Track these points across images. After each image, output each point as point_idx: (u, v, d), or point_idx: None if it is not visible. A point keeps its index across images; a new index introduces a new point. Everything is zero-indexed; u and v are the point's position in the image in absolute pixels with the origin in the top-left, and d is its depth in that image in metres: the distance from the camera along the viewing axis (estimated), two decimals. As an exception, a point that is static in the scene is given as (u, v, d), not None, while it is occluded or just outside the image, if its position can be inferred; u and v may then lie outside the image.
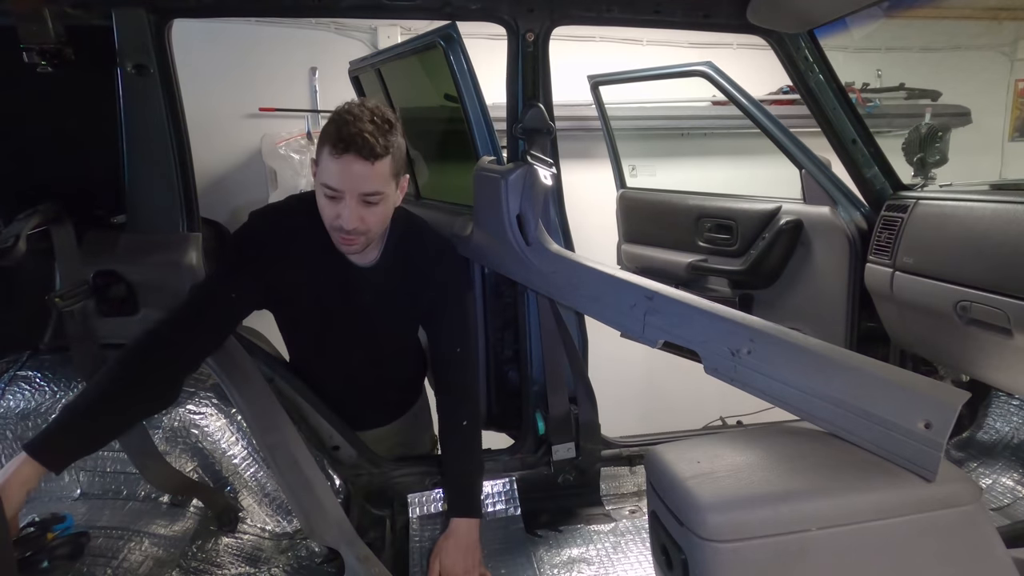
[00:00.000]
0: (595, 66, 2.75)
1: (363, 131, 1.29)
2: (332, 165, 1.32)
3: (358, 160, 1.31)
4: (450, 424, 1.64)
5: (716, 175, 3.31)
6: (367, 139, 1.29)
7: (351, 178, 1.33)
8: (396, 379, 1.87)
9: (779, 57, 1.94)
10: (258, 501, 1.64)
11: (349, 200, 1.35)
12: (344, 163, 1.31)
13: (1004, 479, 1.87)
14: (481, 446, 1.72)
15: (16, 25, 1.40)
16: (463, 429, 1.63)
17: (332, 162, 1.32)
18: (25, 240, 1.37)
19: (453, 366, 1.65)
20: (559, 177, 1.77)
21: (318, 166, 1.38)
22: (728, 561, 0.90)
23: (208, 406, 1.62)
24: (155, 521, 1.49)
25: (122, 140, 1.59)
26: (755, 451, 1.03)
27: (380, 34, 3.07)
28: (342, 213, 1.36)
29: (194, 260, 1.62)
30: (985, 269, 1.57)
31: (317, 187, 1.39)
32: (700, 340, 1.21)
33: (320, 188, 1.37)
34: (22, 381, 1.55)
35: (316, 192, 1.41)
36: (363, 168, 1.32)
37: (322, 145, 1.34)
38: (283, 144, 2.94)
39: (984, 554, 0.93)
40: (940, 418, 0.90)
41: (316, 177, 1.40)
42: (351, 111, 1.32)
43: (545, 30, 1.70)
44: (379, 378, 1.79)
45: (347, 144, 1.29)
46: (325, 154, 1.33)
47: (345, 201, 1.35)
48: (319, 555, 1.58)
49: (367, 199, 1.36)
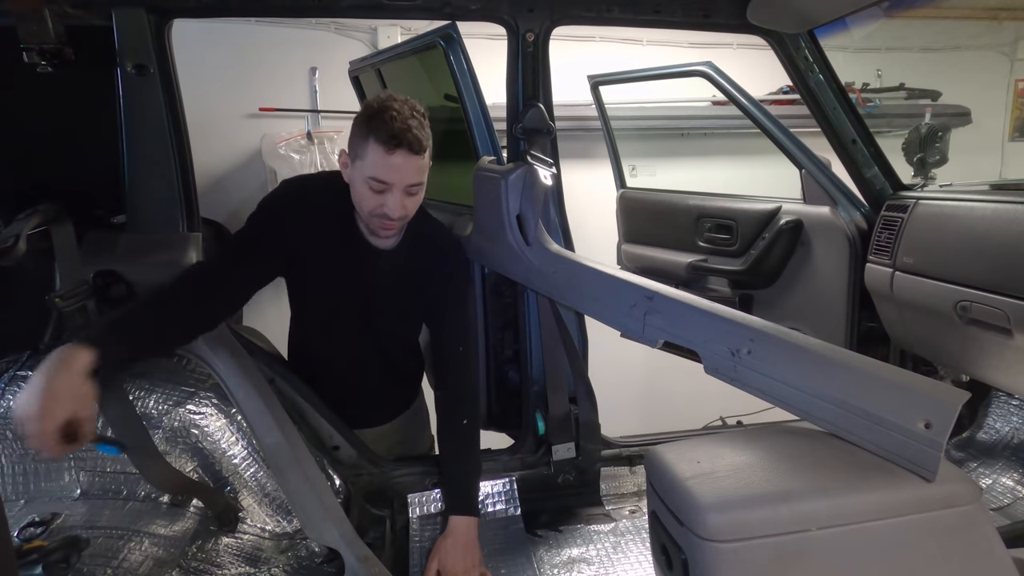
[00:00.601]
0: (595, 66, 2.75)
1: (411, 127, 1.37)
2: (383, 160, 1.38)
3: (409, 155, 1.38)
4: (450, 423, 1.65)
5: (716, 175, 3.31)
6: (416, 135, 1.37)
7: (402, 172, 1.39)
8: (397, 373, 1.87)
9: (779, 57, 1.94)
10: (258, 501, 1.64)
11: (396, 191, 1.41)
12: (396, 158, 1.37)
13: (1004, 479, 1.87)
14: (479, 445, 1.72)
15: (16, 25, 1.40)
16: (463, 428, 1.64)
17: (383, 157, 1.37)
18: (25, 240, 1.37)
19: (454, 364, 1.66)
20: (559, 177, 1.77)
21: (360, 159, 1.41)
22: (728, 561, 0.90)
23: (208, 406, 1.62)
24: (155, 521, 1.49)
25: (122, 140, 1.59)
26: (755, 451, 1.03)
27: (380, 34, 3.07)
28: (387, 203, 1.42)
29: (194, 260, 1.62)
30: (985, 269, 1.57)
31: (358, 178, 1.43)
32: (700, 340, 1.22)
33: (364, 181, 1.41)
34: (22, 381, 1.54)
35: (355, 182, 1.45)
36: (413, 162, 1.40)
37: (364, 139, 1.38)
38: (283, 144, 2.94)
39: (984, 554, 0.93)
40: (940, 418, 0.90)
41: (354, 169, 1.44)
42: (393, 107, 1.37)
43: (545, 30, 1.70)
44: (381, 370, 1.79)
45: (399, 140, 1.36)
46: (373, 149, 1.37)
47: (393, 192, 1.41)
48: (319, 555, 1.58)
49: (411, 189, 1.43)
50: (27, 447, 1.33)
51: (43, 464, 1.53)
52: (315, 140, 2.96)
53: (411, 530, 1.69)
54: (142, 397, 1.57)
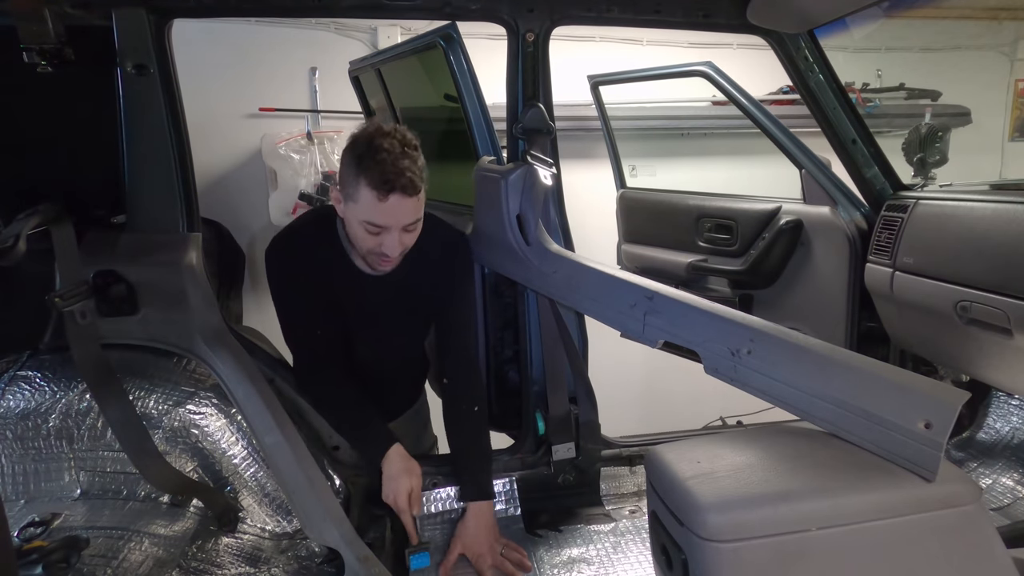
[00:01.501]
0: (595, 66, 2.75)
1: (404, 169, 1.33)
2: (377, 205, 1.35)
3: (403, 198, 1.35)
4: (459, 411, 1.67)
5: (716, 175, 3.30)
6: (409, 178, 1.33)
7: (397, 215, 1.37)
8: (404, 376, 1.90)
9: (779, 57, 1.94)
10: (258, 501, 1.64)
11: (393, 232, 1.39)
12: (391, 203, 1.35)
13: (1004, 479, 1.87)
14: (488, 431, 1.75)
15: (16, 25, 1.40)
16: (473, 415, 1.66)
17: (377, 203, 1.34)
18: (25, 240, 1.37)
19: (461, 353, 1.68)
20: (559, 177, 1.77)
21: (352, 201, 1.38)
22: (728, 561, 0.90)
23: (208, 406, 1.62)
24: (155, 521, 1.49)
25: (122, 140, 1.59)
26: (755, 451, 1.03)
27: (380, 34, 3.07)
28: (385, 242, 1.41)
29: (194, 260, 1.62)
30: (985, 269, 1.56)
31: (352, 219, 1.41)
32: (700, 340, 1.22)
33: (359, 223, 1.39)
34: (22, 381, 1.55)
35: (349, 222, 1.43)
36: (407, 203, 1.37)
37: (355, 180, 1.35)
38: (283, 144, 2.94)
39: (984, 554, 0.93)
40: (940, 418, 0.90)
41: (347, 208, 1.41)
42: (383, 145, 1.33)
43: (545, 30, 1.70)
44: (388, 373, 1.80)
45: (392, 185, 1.32)
46: (366, 194, 1.34)
47: (390, 233, 1.39)
48: (319, 555, 1.58)
49: (408, 227, 1.42)
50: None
51: (43, 464, 1.53)
52: (315, 140, 2.96)
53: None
54: (142, 397, 1.57)
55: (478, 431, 1.69)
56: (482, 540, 1.57)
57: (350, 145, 1.39)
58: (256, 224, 3.10)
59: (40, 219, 1.45)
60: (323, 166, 2.97)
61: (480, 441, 1.69)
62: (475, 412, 1.66)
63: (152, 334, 1.60)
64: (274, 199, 2.99)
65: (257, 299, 2.95)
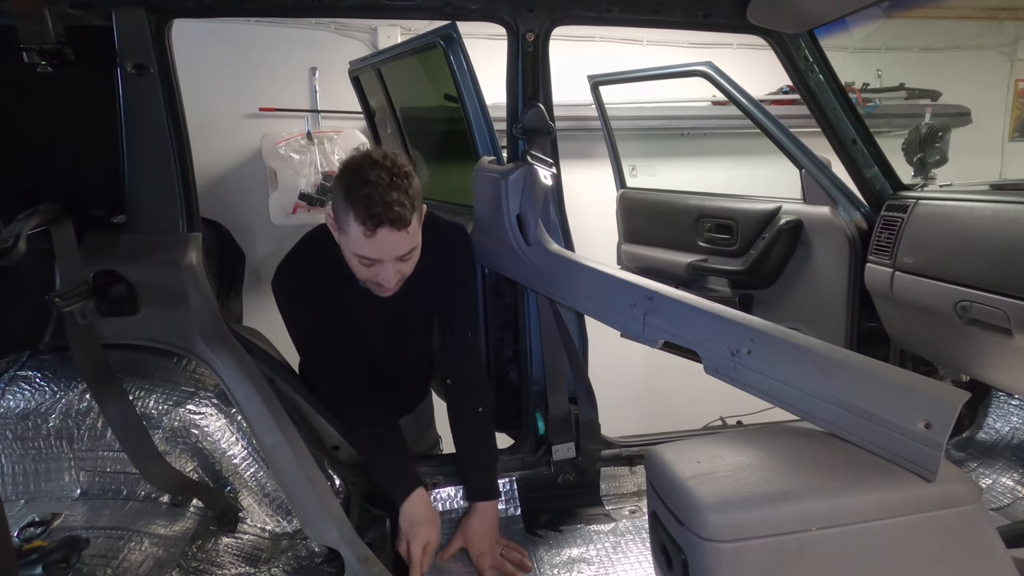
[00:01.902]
0: (595, 66, 2.75)
1: (391, 203, 1.28)
2: (366, 240, 1.31)
3: (392, 232, 1.31)
4: (465, 410, 1.66)
5: (716, 175, 3.30)
6: (398, 212, 1.29)
7: (387, 248, 1.34)
8: (412, 377, 1.90)
9: (779, 57, 1.94)
10: (258, 501, 1.64)
11: (387, 263, 1.37)
12: (379, 238, 1.31)
13: (1004, 479, 1.87)
14: (494, 430, 1.75)
15: (16, 25, 1.40)
16: (478, 415, 1.66)
17: (365, 238, 1.31)
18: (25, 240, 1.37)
19: (465, 351, 1.67)
20: (559, 177, 1.77)
21: (343, 233, 1.36)
22: (728, 561, 0.90)
23: (208, 406, 1.62)
24: (155, 521, 1.49)
25: (122, 140, 1.59)
26: (755, 451, 1.03)
27: (380, 34, 3.07)
28: (380, 273, 1.38)
29: (194, 260, 1.61)
30: (985, 269, 1.56)
31: (346, 250, 1.39)
32: (700, 340, 1.22)
33: (352, 255, 1.38)
34: (22, 381, 1.55)
35: (344, 251, 1.41)
36: (396, 237, 1.32)
37: (345, 211, 1.31)
38: (283, 144, 2.94)
39: (984, 554, 0.93)
40: (940, 418, 0.90)
41: (340, 237, 1.39)
42: (370, 177, 1.28)
43: (545, 30, 1.70)
44: (397, 376, 1.81)
45: (379, 220, 1.28)
46: (355, 228, 1.31)
47: (384, 265, 1.37)
48: (319, 555, 1.58)
49: (403, 257, 1.39)
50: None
51: (43, 464, 1.53)
52: (315, 140, 2.96)
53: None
54: (142, 397, 1.57)
55: (483, 431, 1.69)
56: (485, 539, 1.58)
57: (339, 174, 1.36)
58: (256, 224, 3.10)
59: (40, 219, 1.45)
60: (323, 166, 2.97)
61: (486, 441, 1.70)
62: (480, 412, 1.66)
63: (152, 334, 1.60)
64: (274, 199, 2.99)
65: (257, 299, 2.95)
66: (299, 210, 2.96)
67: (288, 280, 1.56)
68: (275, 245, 3.12)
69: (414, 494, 1.53)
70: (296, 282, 1.56)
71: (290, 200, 2.96)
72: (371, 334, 1.67)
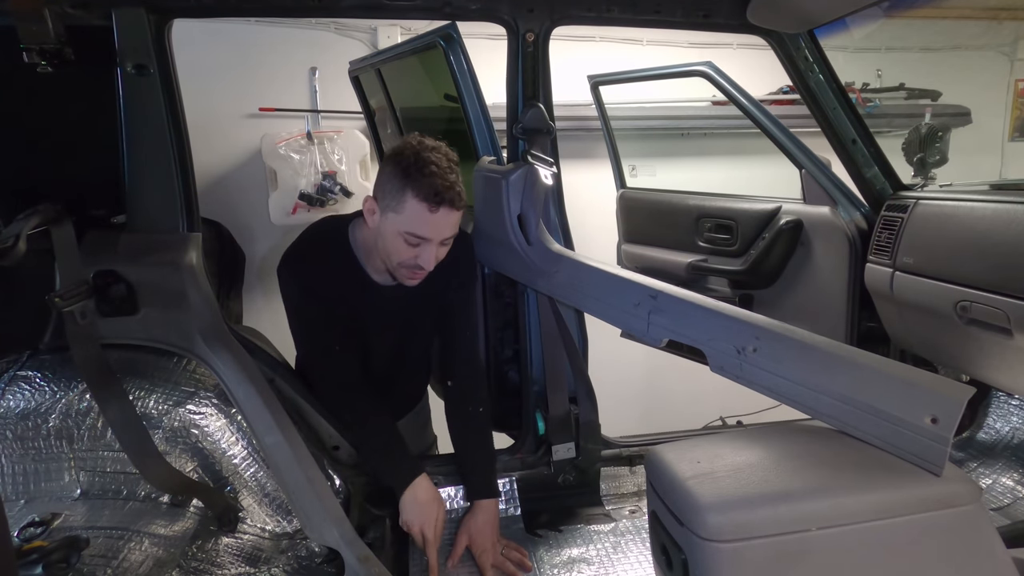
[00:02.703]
0: (595, 66, 2.75)
1: (453, 183, 1.37)
2: (426, 217, 1.37)
3: (451, 211, 1.40)
4: (464, 410, 1.67)
5: (716, 175, 3.30)
6: (458, 192, 1.38)
7: (443, 227, 1.41)
8: (411, 378, 1.91)
9: (779, 57, 1.94)
10: (258, 501, 1.64)
11: (433, 245, 1.41)
12: (440, 216, 1.38)
13: (1004, 479, 1.87)
14: (492, 429, 1.76)
15: (16, 25, 1.40)
16: (478, 416, 1.67)
17: (428, 214, 1.37)
18: (25, 240, 1.37)
19: (465, 350, 1.69)
20: (559, 177, 1.77)
21: (394, 212, 1.39)
22: (728, 561, 0.90)
23: (208, 406, 1.62)
24: (155, 521, 1.49)
25: (122, 140, 1.59)
26: (755, 451, 1.03)
27: (380, 34, 3.07)
28: (422, 255, 1.42)
29: (194, 260, 1.61)
30: (985, 269, 1.56)
31: (390, 231, 1.42)
32: (705, 339, 1.22)
33: (399, 234, 1.40)
34: (22, 381, 1.55)
35: (385, 233, 1.43)
36: (453, 216, 1.42)
37: (400, 192, 1.37)
38: (283, 144, 2.94)
39: (984, 554, 0.93)
40: (946, 413, 0.90)
41: (385, 220, 1.42)
42: (432, 159, 1.36)
43: (545, 30, 1.70)
44: (397, 377, 1.82)
45: (442, 197, 1.36)
46: (414, 206, 1.37)
47: (430, 245, 1.41)
48: (319, 555, 1.58)
49: (446, 240, 1.45)
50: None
51: (43, 464, 1.53)
52: (315, 140, 2.96)
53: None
54: (142, 397, 1.57)
55: (483, 431, 1.70)
56: (487, 536, 1.59)
57: (394, 157, 1.40)
58: (256, 224, 3.10)
59: (40, 219, 1.45)
60: (323, 166, 2.97)
61: (485, 441, 1.71)
62: (480, 412, 1.67)
63: (152, 334, 1.60)
64: (274, 199, 2.99)
65: (257, 299, 2.95)
66: (299, 210, 2.96)
67: (296, 268, 1.55)
68: (275, 245, 3.12)
69: (416, 480, 1.54)
70: (305, 271, 1.55)
71: (290, 200, 2.96)
72: (376, 334, 1.67)
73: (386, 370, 1.74)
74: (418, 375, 1.94)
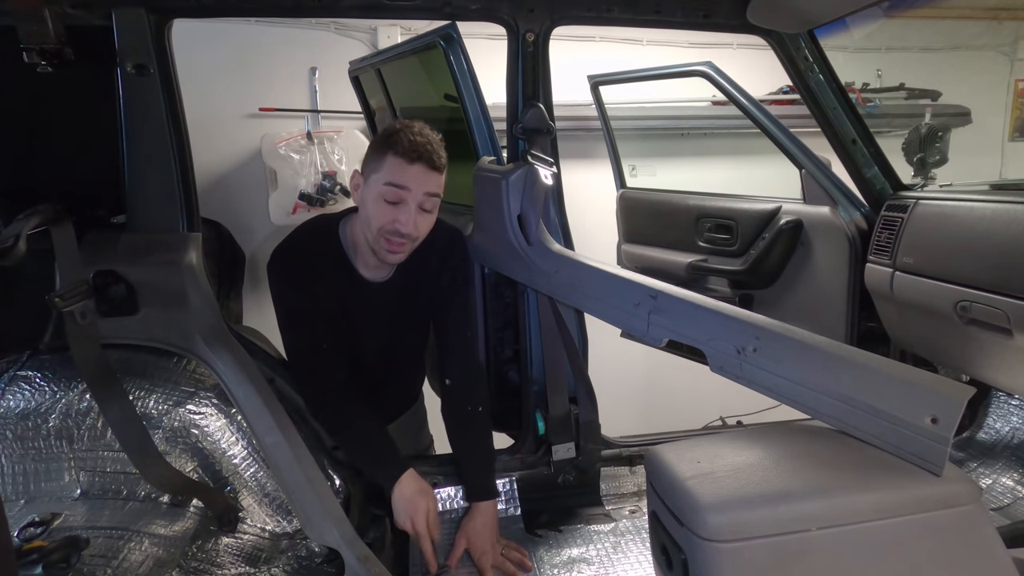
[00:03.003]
0: (595, 66, 2.75)
1: (430, 143, 1.43)
2: (402, 168, 1.42)
3: (427, 169, 1.43)
4: (463, 411, 1.66)
5: (716, 175, 3.30)
6: (436, 151, 1.44)
7: (421, 180, 1.43)
8: (406, 378, 1.91)
9: (779, 57, 1.94)
10: (258, 501, 1.64)
11: (411, 204, 1.43)
12: (417, 169, 1.42)
13: (1004, 479, 1.87)
14: (491, 430, 1.75)
15: (16, 25, 1.40)
16: (478, 415, 1.66)
17: (403, 166, 1.42)
18: (25, 240, 1.37)
19: (462, 352, 1.67)
20: (559, 177, 1.77)
21: (375, 172, 1.44)
22: (728, 561, 0.90)
23: (208, 406, 1.62)
24: (155, 521, 1.49)
25: (122, 140, 1.59)
26: (755, 451, 1.03)
27: (380, 34, 3.07)
28: (400, 217, 1.43)
29: (194, 260, 1.62)
30: (985, 269, 1.56)
31: (371, 194, 1.45)
32: (706, 338, 1.22)
33: (378, 193, 1.43)
34: (22, 381, 1.55)
35: (367, 200, 1.46)
36: (431, 175, 1.45)
37: (381, 154, 1.43)
38: (283, 144, 2.94)
39: (984, 554, 0.93)
40: (946, 413, 0.91)
41: (367, 186, 1.46)
42: (413, 127, 1.43)
43: (545, 30, 1.70)
44: (390, 377, 1.81)
45: (419, 153, 1.41)
46: (391, 161, 1.42)
47: (407, 205, 1.43)
48: (319, 555, 1.58)
49: (425, 204, 1.46)
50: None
51: (43, 464, 1.53)
52: (315, 140, 2.96)
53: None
54: (142, 397, 1.57)
55: (482, 432, 1.69)
56: (486, 537, 1.58)
57: (379, 133, 1.48)
58: (256, 224, 3.10)
59: (40, 219, 1.45)
60: (323, 166, 2.97)
61: (484, 441, 1.70)
62: (479, 413, 1.66)
63: (152, 334, 1.60)
64: (274, 199, 2.99)
65: (257, 299, 2.95)
66: (299, 210, 2.96)
67: (286, 264, 1.56)
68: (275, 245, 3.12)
69: (405, 474, 1.53)
70: (295, 267, 1.55)
71: (290, 200, 2.96)
72: (366, 330, 1.66)
73: (376, 367, 1.73)
74: (411, 374, 1.93)
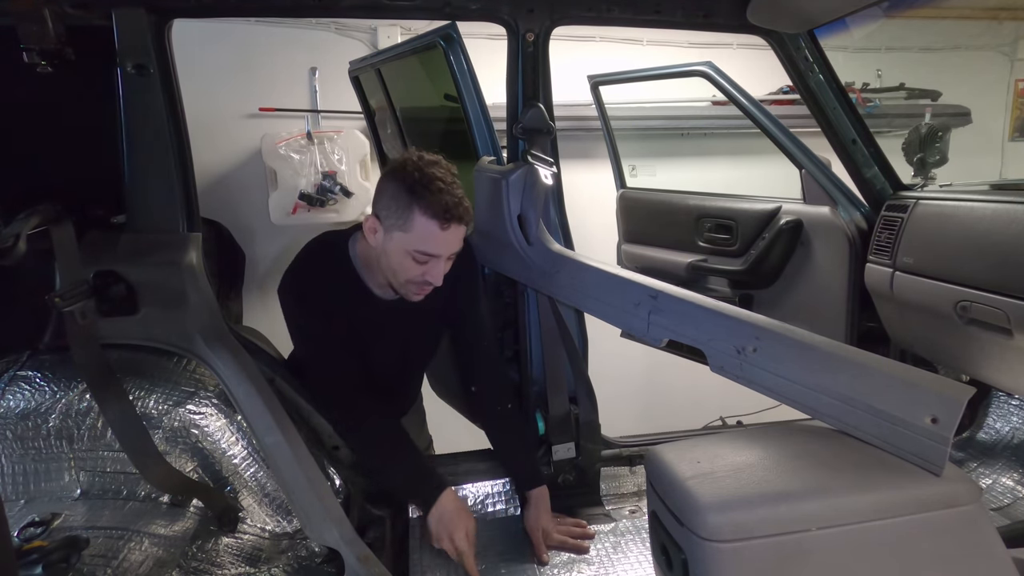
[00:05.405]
0: (595, 66, 2.75)
1: (460, 199, 1.38)
2: (437, 234, 1.38)
3: (460, 228, 1.41)
4: (497, 411, 1.71)
5: (716, 175, 3.30)
6: (466, 207, 1.39)
7: (452, 244, 1.42)
8: (412, 383, 1.93)
9: (779, 57, 1.94)
10: (258, 501, 1.64)
11: (442, 260, 1.42)
12: (451, 233, 1.39)
13: (1004, 479, 1.88)
14: (524, 421, 1.83)
15: (16, 25, 1.40)
16: (510, 412, 1.72)
17: (438, 232, 1.37)
18: (25, 240, 1.37)
19: (484, 358, 1.72)
20: (559, 177, 1.77)
21: (402, 231, 1.39)
22: (728, 561, 0.90)
23: (208, 406, 1.62)
24: (155, 521, 1.49)
25: (122, 140, 1.59)
26: (755, 451, 1.03)
27: (380, 34, 3.07)
28: (431, 271, 1.43)
29: (194, 260, 1.62)
30: (985, 269, 1.56)
31: (397, 250, 1.41)
32: (706, 338, 1.22)
33: (407, 253, 1.40)
34: (22, 381, 1.55)
35: (391, 252, 1.42)
36: (462, 232, 1.43)
37: (407, 210, 1.36)
38: (283, 144, 2.94)
39: (984, 554, 0.93)
40: (946, 413, 0.91)
41: (390, 239, 1.41)
42: (436, 175, 1.36)
43: (545, 30, 1.70)
44: (398, 383, 1.82)
45: (451, 215, 1.36)
46: (424, 223, 1.36)
47: (439, 261, 1.42)
48: (319, 555, 1.58)
49: (454, 255, 1.47)
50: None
51: (43, 464, 1.53)
52: (315, 140, 2.96)
53: (411, 530, 1.69)
54: (142, 397, 1.57)
55: (518, 426, 1.76)
56: (546, 520, 1.65)
57: (396, 174, 1.39)
58: (256, 224, 3.10)
59: (40, 219, 1.45)
60: (323, 166, 2.97)
61: (522, 434, 1.77)
62: (510, 409, 1.72)
63: (152, 334, 1.60)
64: (274, 199, 2.99)
65: (257, 299, 2.95)
66: (299, 210, 2.96)
67: (299, 286, 1.53)
68: (275, 245, 3.13)
69: (442, 495, 1.52)
70: (312, 294, 1.52)
71: (290, 200, 2.96)
72: (379, 348, 1.65)
73: (386, 379, 1.73)
74: (417, 380, 1.96)
